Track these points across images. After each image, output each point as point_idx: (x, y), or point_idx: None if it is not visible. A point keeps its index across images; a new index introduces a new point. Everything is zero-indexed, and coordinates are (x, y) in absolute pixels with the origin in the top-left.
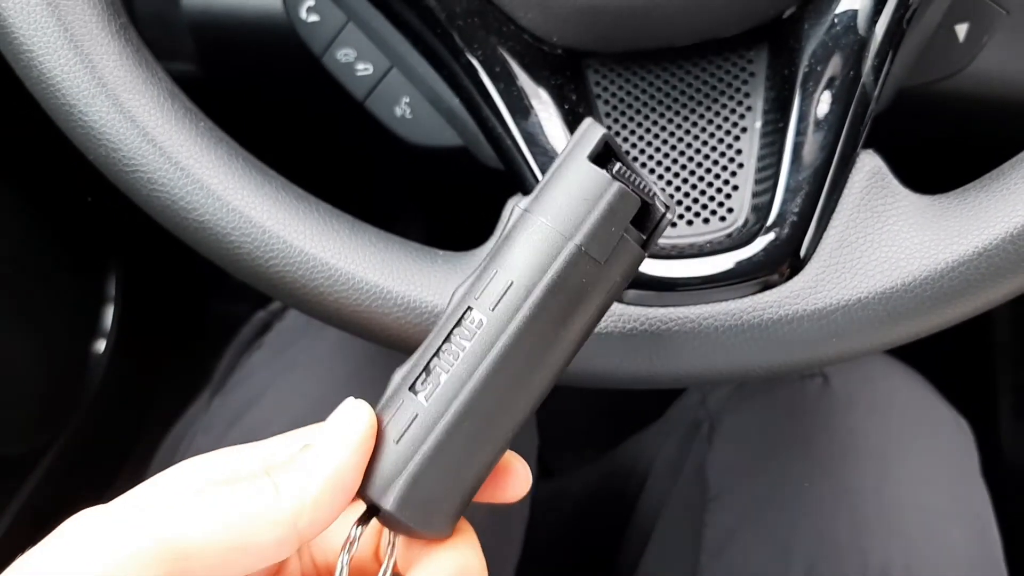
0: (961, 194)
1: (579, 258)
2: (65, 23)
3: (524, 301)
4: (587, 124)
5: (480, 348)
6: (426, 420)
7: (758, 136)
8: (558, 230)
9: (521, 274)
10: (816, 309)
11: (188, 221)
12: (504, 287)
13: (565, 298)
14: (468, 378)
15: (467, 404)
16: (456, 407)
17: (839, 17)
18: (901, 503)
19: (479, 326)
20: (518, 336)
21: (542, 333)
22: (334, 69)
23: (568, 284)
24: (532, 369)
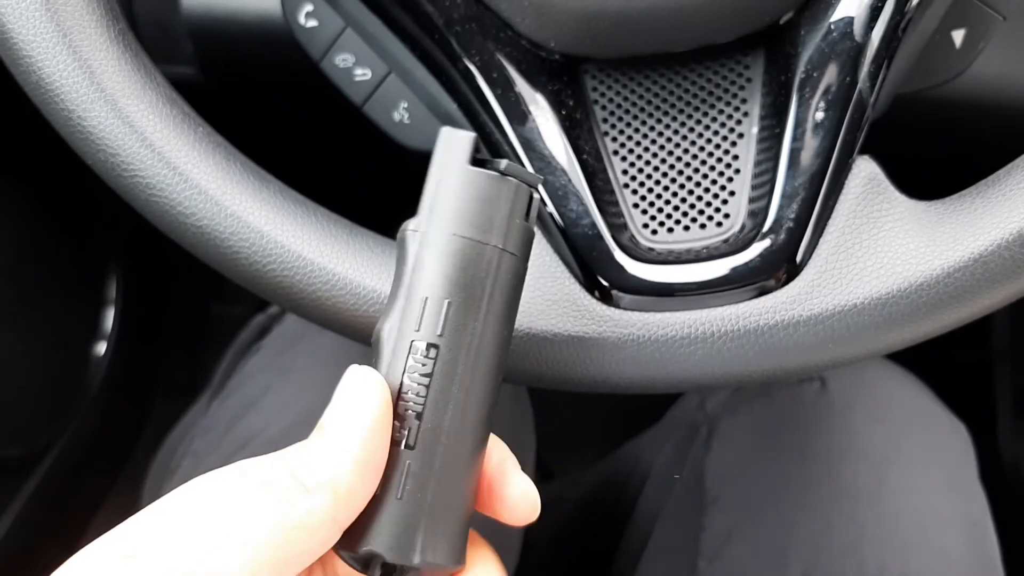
0: (957, 200)
1: (503, 259)
2: (64, 29)
3: (470, 317)
4: (448, 133)
5: (445, 377)
6: (420, 470)
7: (754, 142)
8: (476, 239)
9: (454, 292)
10: (812, 314)
11: (186, 226)
12: (442, 310)
13: (503, 300)
14: (445, 410)
15: (453, 437)
16: (445, 445)
17: (835, 24)
18: (898, 507)
19: (434, 356)
20: (478, 352)
21: (495, 340)
22: (332, 74)
23: (503, 286)
24: (495, 375)
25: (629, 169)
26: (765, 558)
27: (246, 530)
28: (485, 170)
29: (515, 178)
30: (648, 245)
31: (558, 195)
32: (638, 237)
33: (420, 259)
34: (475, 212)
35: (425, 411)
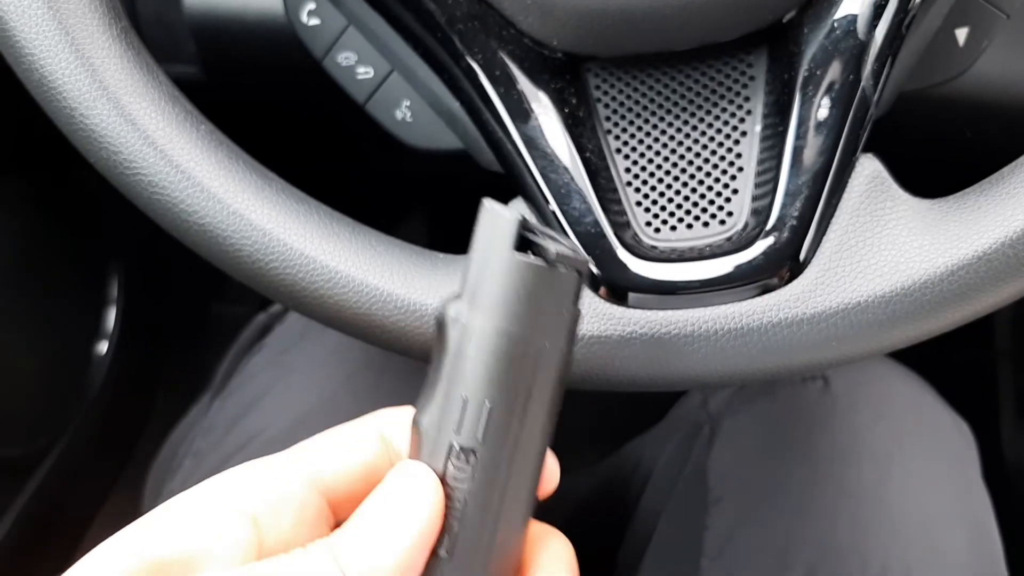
0: (961, 198)
1: (549, 355)
2: (66, 27)
3: (513, 420)
4: (492, 211)
5: (486, 486)
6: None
7: (758, 140)
8: (518, 337)
9: (496, 394)
10: (816, 312)
11: (189, 224)
12: (482, 413)
13: (548, 398)
14: (484, 521)
15: (491, 549)
16: (483, 555)
17: (839, 22)
18: (902, 506)
19: (473, 463)
20: (520, 458)
21: (538, 441)
22: (335, 72)
23: (547, 383)
24: (535, 476)
25: (632, 167)
26: (768, 557)
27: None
28: (533, 260)
29: (564, 266)
30: (651, 243)
31: (561, 193)
32: (641, 235)
33: (461, 352)
34: (521, 307)
35: (465, 520)
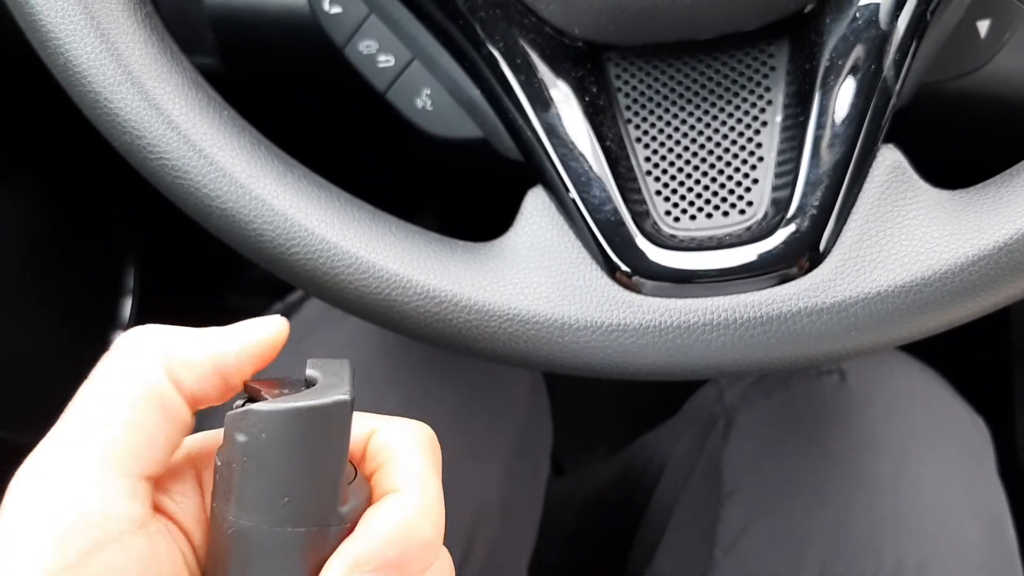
0: (981, 189)
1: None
2: (91, 12)
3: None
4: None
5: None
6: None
7: (778, 130)
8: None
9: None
10: (835, 302)
11: (211, 208)
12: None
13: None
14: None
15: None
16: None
17: (861, 11)
18: (917, 500)
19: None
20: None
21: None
22: (356, 61)
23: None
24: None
25: (652, 156)
26: (782, 549)
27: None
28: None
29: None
30: (670, 232)
31: (581, 182)
32: (660, 224)
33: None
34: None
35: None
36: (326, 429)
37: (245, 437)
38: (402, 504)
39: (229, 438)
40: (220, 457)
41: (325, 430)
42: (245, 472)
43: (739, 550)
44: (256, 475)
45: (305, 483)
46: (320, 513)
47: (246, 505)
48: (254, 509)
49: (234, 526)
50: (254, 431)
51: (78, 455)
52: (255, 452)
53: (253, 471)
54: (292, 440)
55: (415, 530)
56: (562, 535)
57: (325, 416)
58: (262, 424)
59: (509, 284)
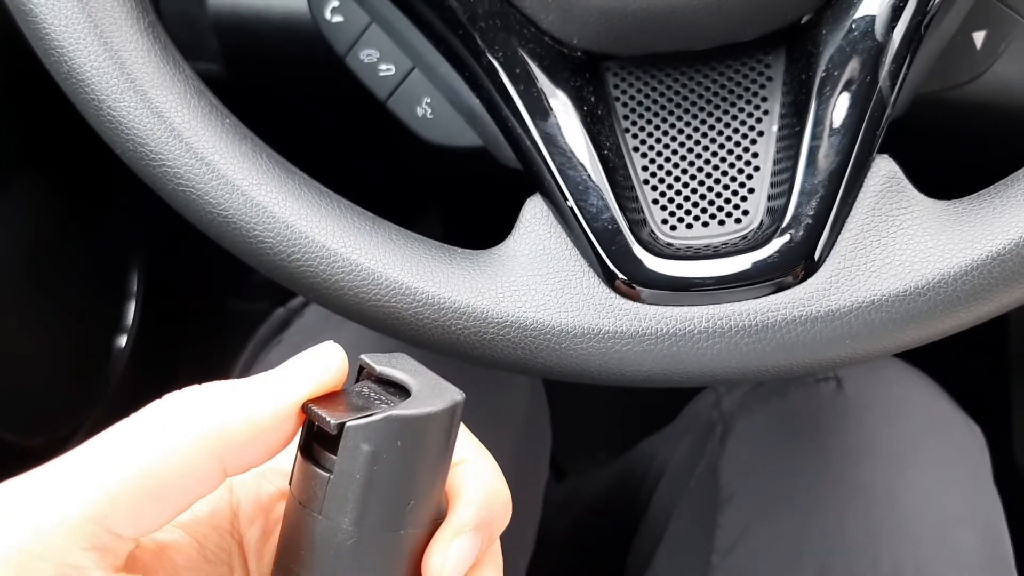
0: (975, 199)
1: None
2: (95, 20)
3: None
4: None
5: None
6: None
7: (774, 140)
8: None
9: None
10: (830, 311)
11: (212, 215)
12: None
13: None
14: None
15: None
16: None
17: (857, 23)
18: (913, 507)
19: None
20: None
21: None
22: (357, 69)
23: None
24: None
25: (649, 165)
26: (779, 555)
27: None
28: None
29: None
30: (667, 240)
31: (578, 190)
32: (657, 232)
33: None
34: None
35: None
36: (451, 428)
37: (372, 446)
38: (477, 470)
39: (350, 449)
40: (332, 470)
41: (450, 430)
42: (371, 481)
43: (736, 555)
44: (386, 482)
45: (430, 484)
46: (428, 514)
47: (370, 514)
48: (380, 516)
49: (354, 536)
50: (387, 439)
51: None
52: (386, 459)
53: (382, 479)
54: (427, 443)
55: (496, 490)
56: (561, 539)
57: (452, 416)
58: (398, 431)
59: (507, 291)
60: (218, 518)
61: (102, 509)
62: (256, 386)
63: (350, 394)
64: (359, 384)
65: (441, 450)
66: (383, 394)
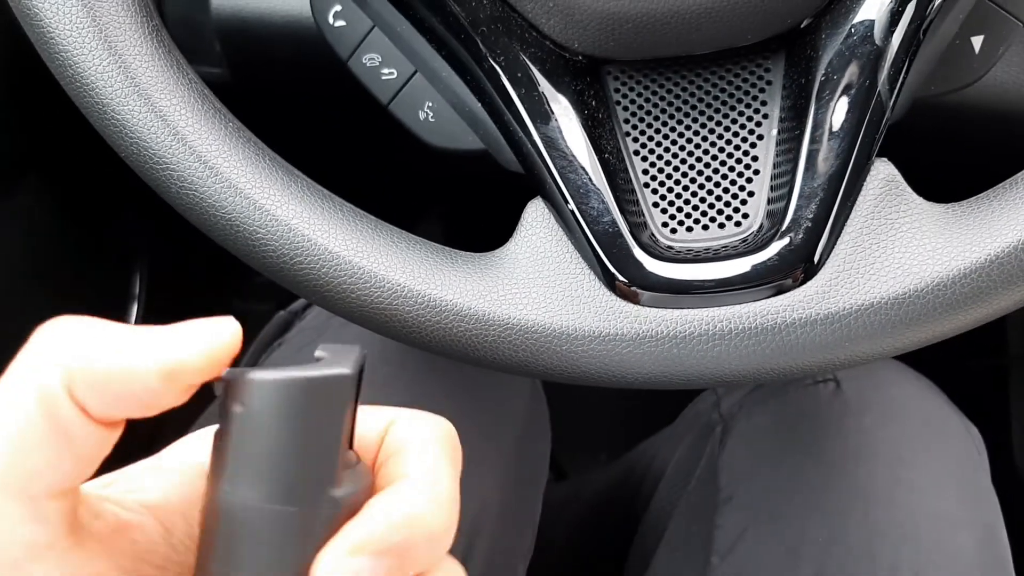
0: (974, 203)
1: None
2: (100, 24)
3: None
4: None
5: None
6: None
7: (774, 143)
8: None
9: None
10: (829, 313)
11: (216, 219)
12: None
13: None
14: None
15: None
16: None
17: (856, 27)
18: (911, 508)
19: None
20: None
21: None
22: (359, 73)
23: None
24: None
25: (650, 169)
26: (778, 557)
27: None
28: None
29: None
30: (667, 243)
31: (579, 193)
32: (658, 235)
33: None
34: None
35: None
36: (324, 403)
37: (241, 408)
38: (410, 491)
39: (225, 409)
40: (217, 430)
41: (323, 404)
42: (238, 444)
43: (736, 556)
44: (249, 447)
45: (298, 459)
46: (312, 493)
47: (238, 479)
48: (245, 483)
49: (225, 501)
50: (251, 401)
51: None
52: (250, 423)
53: (246, 443)
54: (288, 412)
55: (421, 520)
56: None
57: (325, 389)
58: (259, 393)
59: (509, 294)
60: (189, 508)
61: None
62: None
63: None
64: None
65: (313, 424)
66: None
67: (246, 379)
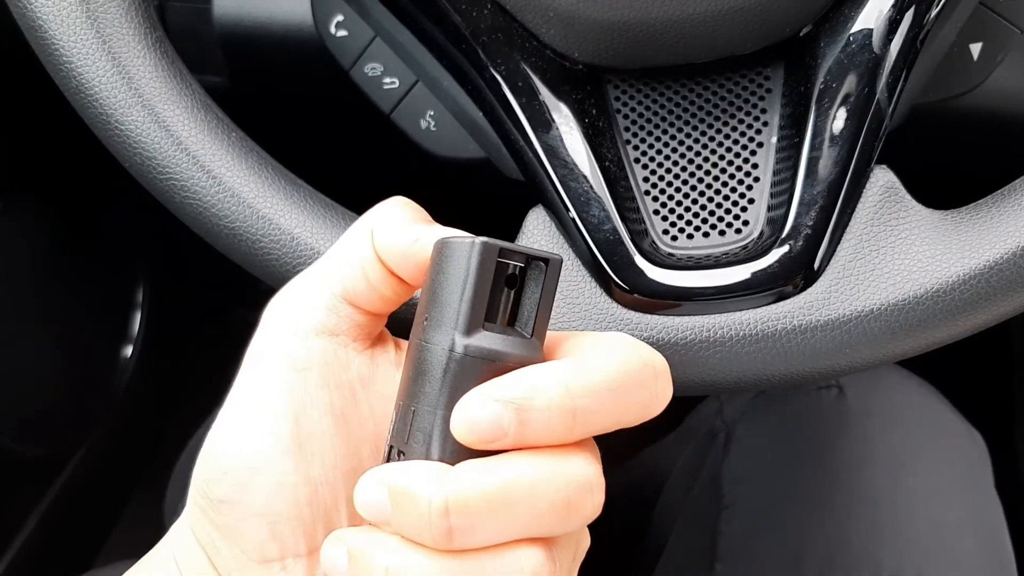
0: (973, 209)
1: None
2: (104, 36)
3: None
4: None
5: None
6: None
7: (773, 151)
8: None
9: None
10: (829, 320)
11: (219, 227)
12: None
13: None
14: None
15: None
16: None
17: (854, 35)
18: (914, 513)
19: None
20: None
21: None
22: (361, 83)
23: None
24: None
25: (650, 177)
26: (781, 562)
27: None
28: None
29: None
30: (668, 251)
31: (580, 201)
32: (658, 243)
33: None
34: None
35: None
36: (482, 264)
37: (440, 259)
38: (562, 365)
39: (431, 261)
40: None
41: (481, 265)
42: (427, 293)
43: (739, 562)
44: (428, 294)
45: (454, 307)
46: (468, 341)
47: (424, 322)
48: (423, 325)
49: (426, 349)
50: (438, 258)
51: (319, 285)
52: (432, 276)
53: (427, 291)
54: (453, 267)
55: (545, 391)
56: None
57: (486, 252)
58: (442, 252)
59: None
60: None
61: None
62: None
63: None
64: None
65: (477, 283)
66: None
67: (445, 239)
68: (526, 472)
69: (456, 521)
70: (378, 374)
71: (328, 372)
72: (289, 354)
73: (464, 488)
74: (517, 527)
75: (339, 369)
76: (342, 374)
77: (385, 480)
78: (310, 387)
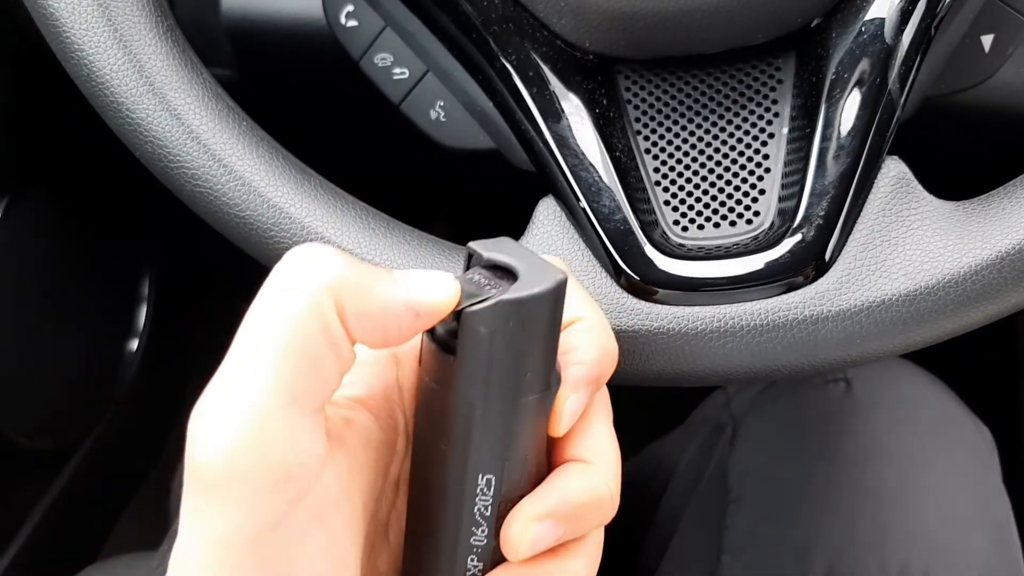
0: (984, 200)
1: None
2: (115, 24)
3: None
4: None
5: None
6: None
7: (785, 142)
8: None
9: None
10: (840, 310)
11: (230, 216)
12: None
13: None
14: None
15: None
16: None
17: (866, 25)
18: (922, 508)
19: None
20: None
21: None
22: (371, 73)
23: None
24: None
25: (661, 167)
26: (788, 556)
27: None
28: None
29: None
30: (679, 241)
31: (591, 191)
32: (669, 233)
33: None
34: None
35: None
36: (557, 305)
37: (488, 329)
38: (589, 327)
39: (469, 333)
40: (456, 353)
41: (556, 306)
42: (491, 359)
43: (746, 556)
44: (504, 359)
45: (543, 355)
46: (548, 378)
47: (493, 387)
48: (502, 388)
49: (481, 407)
50: (500, 321)
51: (257, 394)
52: (501, 339)
53: (500, 356)
54: (536, 320)
55: (604, 345)
56: None
57: (556, 295)
58: (509, 313)
59: None
60: (390, 393)
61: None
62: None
63: (463, 282)
64: (470, 272)
65: (550, 324)
66: (493, 279)
67: (501, 301)
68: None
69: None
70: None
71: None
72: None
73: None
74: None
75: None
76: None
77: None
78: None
